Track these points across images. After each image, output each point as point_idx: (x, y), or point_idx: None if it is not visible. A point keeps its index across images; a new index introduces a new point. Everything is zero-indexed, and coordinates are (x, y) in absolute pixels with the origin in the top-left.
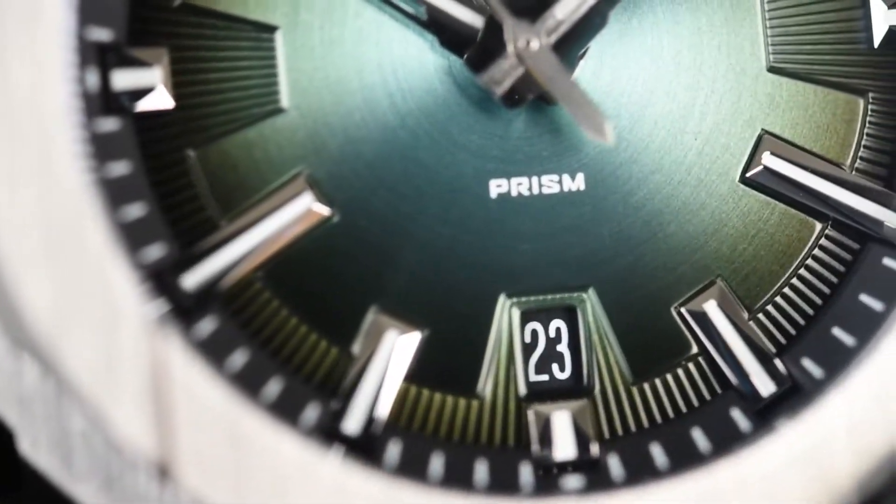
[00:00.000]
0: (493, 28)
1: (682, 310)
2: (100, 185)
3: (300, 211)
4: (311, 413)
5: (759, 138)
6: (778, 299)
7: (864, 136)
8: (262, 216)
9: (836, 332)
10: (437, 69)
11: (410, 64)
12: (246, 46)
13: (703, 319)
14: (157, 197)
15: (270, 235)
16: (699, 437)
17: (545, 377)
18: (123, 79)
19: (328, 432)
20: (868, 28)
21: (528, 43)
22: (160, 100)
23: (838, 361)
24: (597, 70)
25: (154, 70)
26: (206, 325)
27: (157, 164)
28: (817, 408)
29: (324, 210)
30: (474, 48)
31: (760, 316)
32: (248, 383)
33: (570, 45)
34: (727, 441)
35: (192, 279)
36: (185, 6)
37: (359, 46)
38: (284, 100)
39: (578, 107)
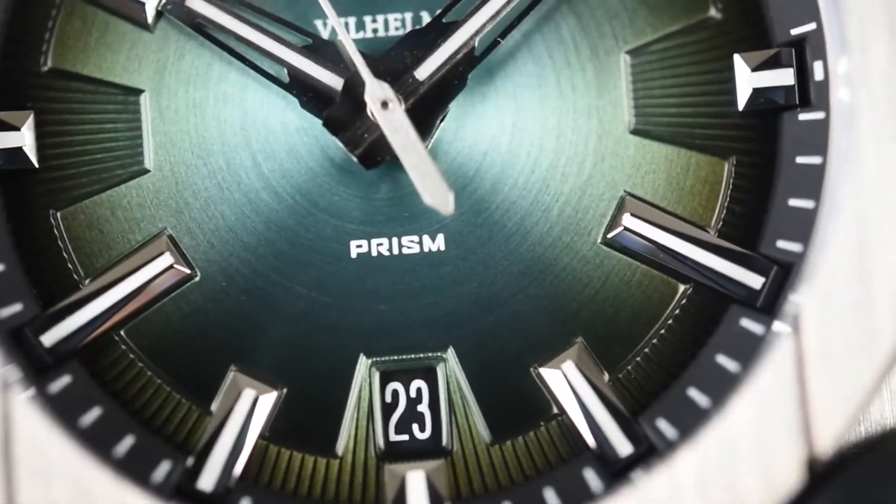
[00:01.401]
0: (352, 89)
1: (541, 371)
2: None
3: (160, 270)
4: (164, 469)
5: (622, 200)
6: (639, 360)
7: (728, 199)
8: (124, 275)
9: (692, 392)
10: (299, 131)
11: (273, 126)
12: (112, 109)
13: (561, 381)
14: (19, 256)
15: (131, 294)
16: (551, 497)
17: (405, 437)
18: None
19: (181, 489)
20: (732, 91)
21: (386, 104)
22: (25, 161)
23: (692, 422)
24: (459, 131)
25: (20, 132)
26: (62, 381)
27: (21, 224)
28: (668, 465)
29: (184, 270)
30: (333, 109)
31: (621, 377)
32: (100, 439)
33: (430, 107)
34: (578, 501)
35: (51, 336)
36: (52, 71)
37: (222, 109)
38: (149, 161)
39: (422, 176)
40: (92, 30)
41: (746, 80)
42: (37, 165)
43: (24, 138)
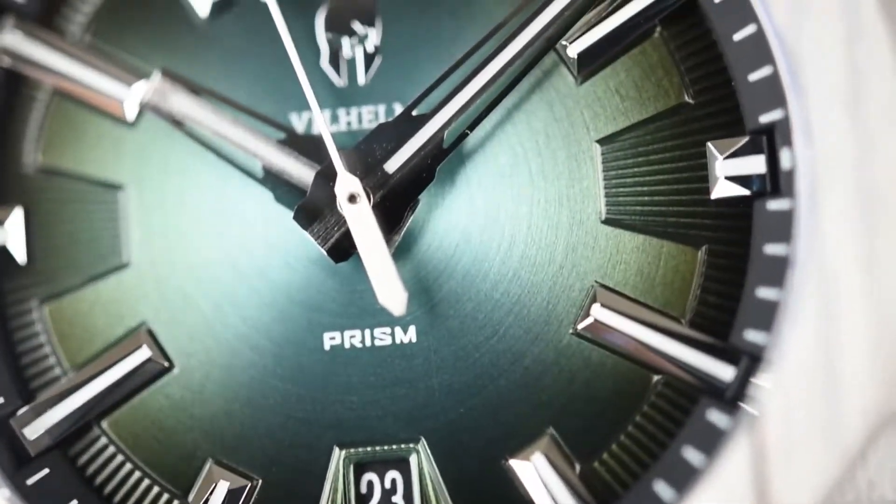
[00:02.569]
0: (322, 182)
1: (511, 462)
2: None
3: (139, 363)
4: None
5: (592, 290)
6: (610, 451)
7: (700, 289)
8: (105, 368)
9: (659, 486)
10: (275, 224)
11: (250, 219)
12: (93, 203)
13: (531, 473)
14: (3, 349)
15: (111, 386)
16: None
17: None
18: None
19: None
20: (704, 179)
21: (353, 198)
22: (9, 257)
23: None
24: (430, 223)
25: (4, 228)
26: (41, 473)
27: (4, 317)
28: None
29: (162, 363)
30: (303, 203)
31: (592, 468)
32: None
33: (399, 199)
34: None
35: (34, 429)
36: (37, 167)
37: (201, 202)
38: (128, 255)
39: (379, 275)
40: (75, 126)
41: (719, 167)
42: (21, 261)
43: (8, 235)
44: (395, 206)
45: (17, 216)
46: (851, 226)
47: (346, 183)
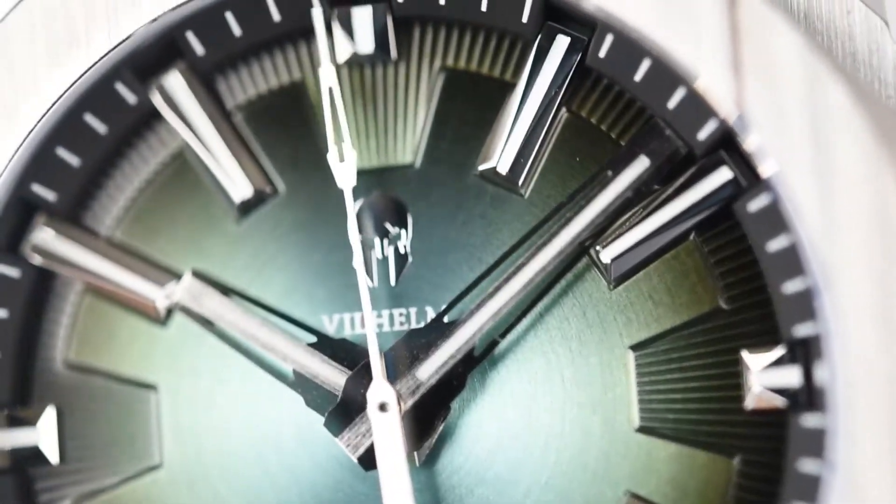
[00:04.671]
0: (354, 388)
1: None
2: None
3: None
4: None
5: (625, 499)
6: None
7: (734, 500)
8: None
9: None
10: (306, 428)
11: (282, 422)
12: (125, 404)
13: None
14: None
15: None
16: None
17: None
18: (5, 439)
19: None
20: (739, 387)
21: (384, 406)
22: (40, 458)
23: None
24: (461, 428)
25: (36, 429)
26: None
27: None
28: None
29: None
30: (334, 410)
31: None
32: None
33: (430, 407)
34: None
35: None
36: (69, 364)
37: (233, 404)
38: (161, 456)
39: (393, 489)
40: (107, 325)
41: (753, 377)
42: (53, 462)
43: (42, 436)
44: (426, 414)
45: (49, 415)
46: (889, 444)
47: (380, 390)
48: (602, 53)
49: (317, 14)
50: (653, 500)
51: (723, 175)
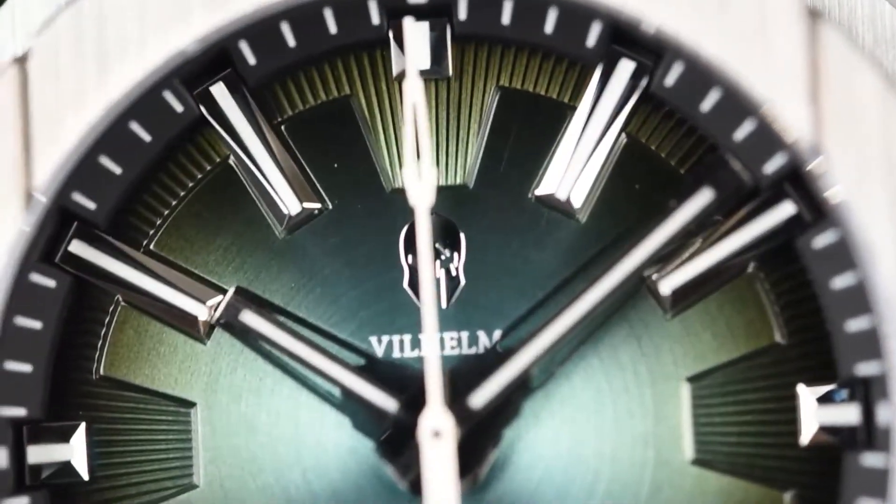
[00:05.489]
0: (408, 412)
1: None
2: None
3: None
4: None
5: None
6: None
7: None
8: None
9: None
10: (350, 450)
11: (325, 444)
12: (163, 421)
13: None
14: None
15: None
16: None
17: None
18: (38, 454)
19: None
20: (794, 422)
21: (438, 434)
22: (74, 474)
23: None
24: (512, 457)
25: (70, 444)
26: None
27: None
28: None
29: None
30: (388, 436)
31: None
32: None
33: (483, 435)
34: None
35: None
36: (104, 379)
37: (274, 425)
38: (198, 476)
39: None
40: (145, 339)
41: (810, 414)
42: (86, 478)
43: (74, 451)
44: (478, 443)
45: (81, 431)
46: None
47: (436, 417)
48: (669, 81)
49: (408, 25)
50: None
51: (786, 209)
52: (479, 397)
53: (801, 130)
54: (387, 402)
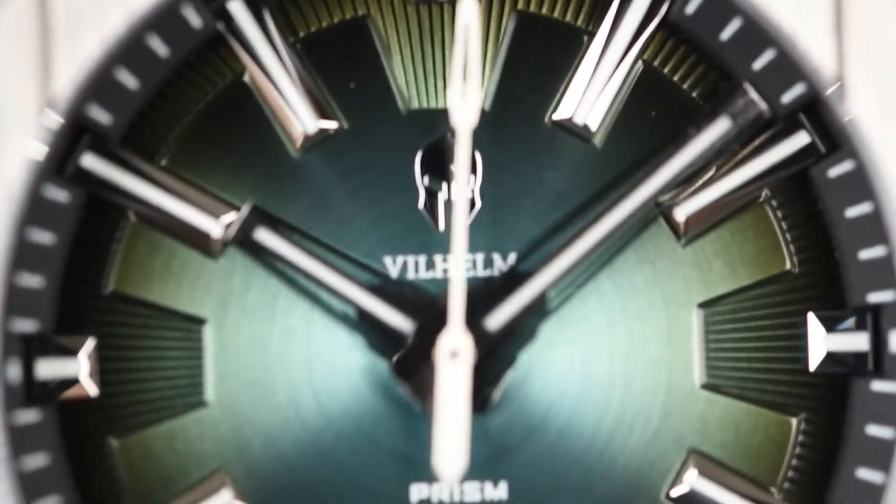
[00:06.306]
0: (425, 333)
1: None
2: (14, 479)
3: None
4: None
5: (688, 456)
6: None
7: (795, 458)
8: None
9: None
10: (364, 370)
11: (338, 364)
12: (173, 337)
13: None
14: (75, 487)
15: None
16: None
17: None
18: (47, 368)
19: None
20: (804, 349)
21: (455, 354)
22: (84, 389)
23: None
24: (525, 379)
25: (79, 359)
26: None
27: (77, 453)
28: None
29: None
30: (403, 356)
31: None
32: None
33: (498, 357)
34: None
35: None
36: (115, 294)
37: (287, 344)
38: (208, 393)
39: (447, 439)
40: (157, 255)
41: (819, 340)
42: (95, 394)
43: (83, 366)
44: (493, 364)
45: (91, 346)
46: None
47: (454, 338)
48: (690, 9)
49: None
50: (714, 457)
51: (801, 139)
52: (496, 319)
53: (824, 62)
54: (402, 323)
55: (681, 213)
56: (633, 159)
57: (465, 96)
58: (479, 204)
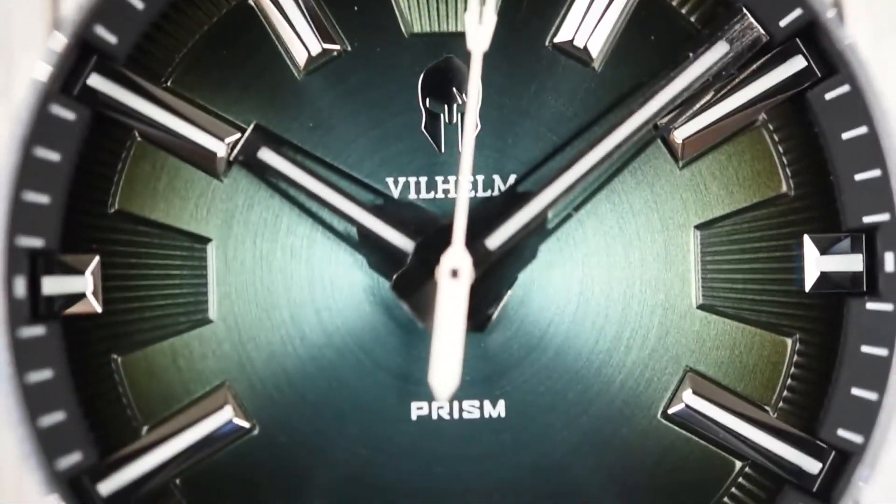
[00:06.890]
0: (426, 251)
1: None
2: (20, 393)
3: (220, 423)
4: None
5: (684, 375)
6: None
7: (790, 378)
8: (183, 427)
9: None
10: (365, 289)
11: (339, 283)
12: (177, 256)
13: None
14: (79, 403)
15: (190, 446)
16: None
17: None
18: (53, 285)
19: None
20: (799, 270)
21: (455, 273)
22: (88, 305)
23: None
24: (524, 299)
25: (84, 277)
26: None
27: (81, 369)
28: None
29: (244, 424)
30: (403, 273)
31: None
32: None
33: (498, 276)
34: None
35: (109, 486)
36: (119, 213)
37: (289, 263)
38: (212, 311)
39: (442, 356)
40: (161, 174)
41: (814, 262)
42: (99, 310)
43: (88, 283)
44: (493, 283)
45: (97, 264)
46: None
47: (456, 257)
48: None
49: None
50: (710, 376)
51: (797, 63)
52: (496, 239)
53: None
54: (403, 242)
55: (679, 136)
56: (632, 83)
57: (482, 18)
58: (479, 126)
